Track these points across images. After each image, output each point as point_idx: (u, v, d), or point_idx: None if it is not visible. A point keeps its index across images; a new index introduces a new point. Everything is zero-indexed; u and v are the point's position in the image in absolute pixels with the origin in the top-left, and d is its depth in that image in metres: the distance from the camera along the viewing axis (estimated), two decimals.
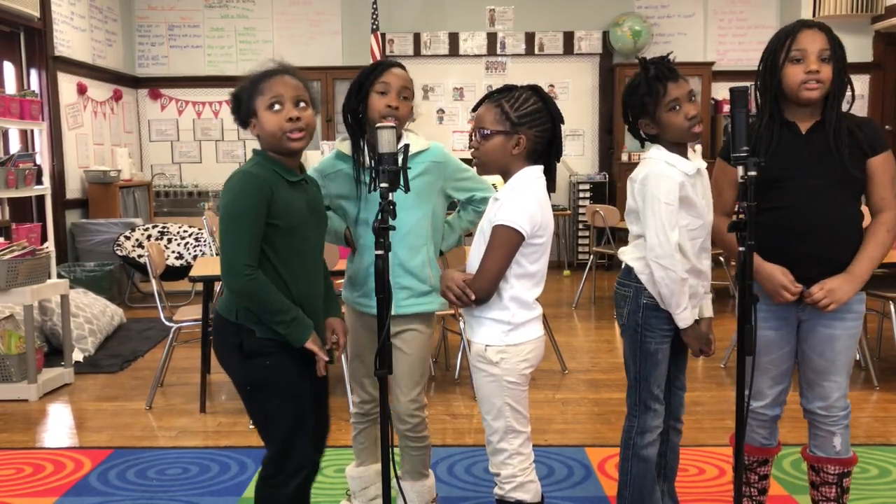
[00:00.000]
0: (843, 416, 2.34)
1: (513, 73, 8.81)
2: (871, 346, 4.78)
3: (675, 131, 2.20)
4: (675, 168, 2.19)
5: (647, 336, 2.28)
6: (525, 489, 2.17)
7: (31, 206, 6.66)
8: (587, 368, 4.80)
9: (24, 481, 3.24)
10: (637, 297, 2.27)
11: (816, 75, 2.19)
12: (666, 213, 2.16)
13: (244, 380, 2.16)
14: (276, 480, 2.16)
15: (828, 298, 2.22)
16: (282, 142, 2.10)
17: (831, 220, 2.25)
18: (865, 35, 8.37)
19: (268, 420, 2.16)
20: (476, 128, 2.15)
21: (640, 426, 2.33)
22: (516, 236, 2.07)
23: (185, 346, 5.03)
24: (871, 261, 2.26)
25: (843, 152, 2.22)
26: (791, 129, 2.28)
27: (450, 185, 2.57)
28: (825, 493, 2.40)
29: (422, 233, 2.50)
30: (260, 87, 2.11)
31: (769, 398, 2.39)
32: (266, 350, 2.11)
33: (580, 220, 8.39)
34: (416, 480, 2.66)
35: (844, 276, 2.25)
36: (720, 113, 8.43)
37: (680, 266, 2.16)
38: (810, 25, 2.23)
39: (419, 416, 2.59)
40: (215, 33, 8.82)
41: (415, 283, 2.50)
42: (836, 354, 2.30)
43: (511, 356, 2.13)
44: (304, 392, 2.17)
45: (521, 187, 2.12)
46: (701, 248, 2.26)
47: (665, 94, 2.18)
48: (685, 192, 2.18)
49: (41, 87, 6.85)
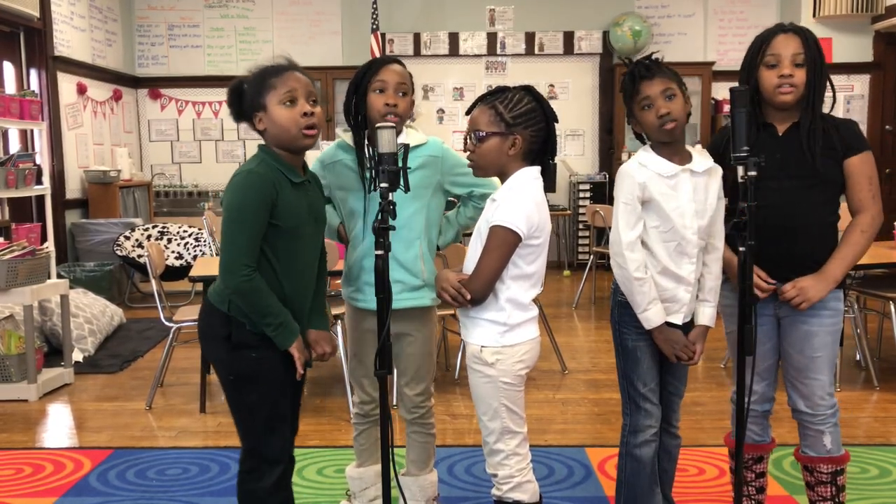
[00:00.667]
0: (831, 415, 2.35)
1: (513, 73, 8.81)
2: (871, 346, 4.78)
3: (649, 130, 2.22)
4: (647, 168, 2.20)
5: (624, 332, 2.31)
6: (523, 489, 2.17)
7: (31, 206, 6.66)
8: (587, 368, 4.80)
9: (24, 481, 3.24)
10: (615, 294, 2.32)
11: (790, 79, 2.23)
12: (622, 212, 2.19)
13: (229, 370, 2.16)
14: (254, 474, 2.18)
15: (799, 297, 2.26)
16: (296, 137, 2.10)
17: (806, 220, 2.28)
18: (865, 35, 8.37)
19: (248, 412, 2.17)
20: (471, 130, 2.14)
21: (631, 425, 2.34)
22: (513, 237, 2.07)
23: (184, 346, 5.03)
24: (844, 261, 2.29)
25: (815, 153, 2.25)
26: (768, 130, 2.32)
27: (447, 179, 2.56)
28: (821, 492, 2.40)
29: (416, 227, 2.50)
30: (271, 81, 2.10)
31: (756, 394, 2.42)
32: (253, 343, 2.12)
33: (580, 220, 8.39)
34: (420, 473, 2.67)
35: (817, 275, 2.28)
36: (720, 113, 8.43)
37: (634, 265, 2.18)
38: (786, 30, 2.27)
39: (425, 406, 2.62)
40: (215, 33, 8.82)
41: (407, 277, 2.50)
42: (815, 351, 2.32)
43: (506, 357, 2.13)
44: (286, 387, 2.18)
45: (518, 188, 2.11)
46: (679, 253, 2.22)
47: (638, 93, 2.19)
48: (650, 194, 2.18)
49: (41, 87, 6.85)
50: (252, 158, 2.16)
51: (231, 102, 2.16)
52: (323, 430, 3.73)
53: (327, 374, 4.59)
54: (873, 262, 4.03)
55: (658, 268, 2.22)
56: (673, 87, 2.18)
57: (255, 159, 2.13)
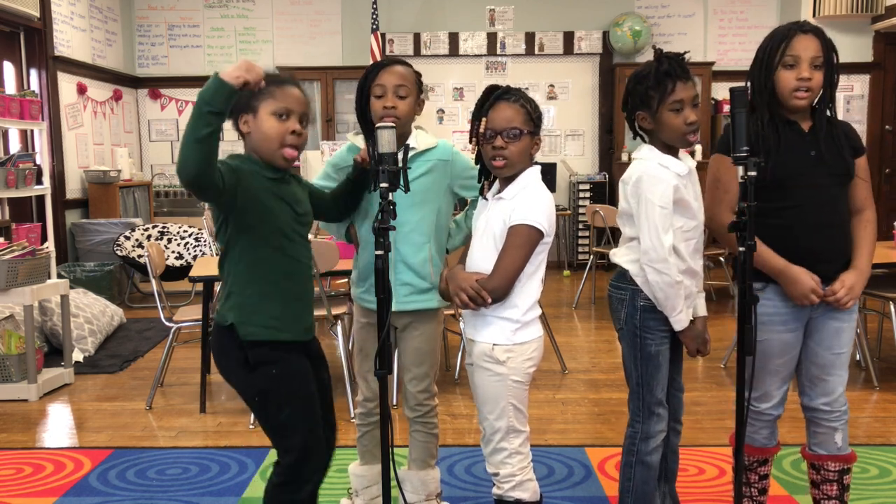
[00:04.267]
0: (845, 412, 2.36)
1: (513, 73, 8.81)
2: (871, 346, 4.78)
3: (671, 133, 2.18)
4: (669, 170, 2.17)
5: (647, 339, 2.25)
6: (524, 488, 2.18)
7: (31, 206, 6.67)
8: (587, 368, 4.80)
9: (24, 481, 3.24)
10: (634, 299, 2.26)
11: (808, 83, 2.22)
12: (660, 217, 2.14)
13: (252, 391, 2.13)
14: (291, 487, 2.12)
15: (849, 295, 2.27)
16: (275, 152, 2.08)
17: (838, 217, 2.31)
18: (865, 35, 8.37)
19: (281, 429, 2.13)
20: (505, 128, 2.12)
21: (644, 432, 2.30)
22: (536, 234, 2.10)
23: (185, 347, 5.03)
24: (871, 255, 2.33)
25: (846, 152, 2.28)
26: (793, 127, 2.30)
27: (457, 183, 2.57)
28: (826, 490, 2.40)
29: (425, 230, 2.51)
30: (271, 89, 2.08)
31: (776, 399, 2.39)
32: (271, 358, 2.09)
33: (580, 220, 8.40)
34: (422, 469, 2.67)
35: (856, 271, 2.29)
36: (720, 113, 8.43)
37: (674, 269, 2.15)
38: (805, 30, 2.25)
39: (428, 405, 2.62)
40: (215, 33, 8.82)
41: (416, 280, 2.51)
42: (842, 347, 2.34)
43: (517, 355, 2.14)
44: (312, 396, 2.16)
45: (533, 186, 2.15)
46: (696, 250, 2.25)
47: (671, 93, 2.14)
48: (679, 195, 2.17)
49: (41, 87, 6.85)
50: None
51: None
52: None
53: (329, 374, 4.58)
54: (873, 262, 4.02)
55: (683, 267, 2.20)
56: (699, 95, 2.20)
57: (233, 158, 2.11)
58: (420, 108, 2.50)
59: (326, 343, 5.43)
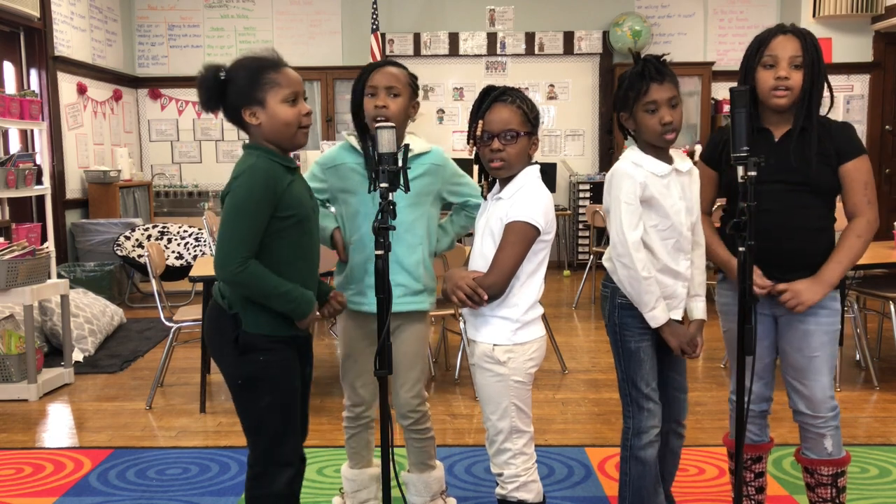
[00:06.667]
0: (832, 418, 2.34)
1: (513, 73, 8.81)
2: (871, 346, 4.78)
3: (648, 133, 2.21)
4: (642, 168, 2.19)
5: (626, 335, 2.29)
6: (527, 489, 2.18)
7: (31, 206, 6.67)
8: (587, 368, 4.80)
9: (24, 481, 3.24)
10: (613, 296, 2.29)
11: (785, 82, 2.23)
12: (625, 212, 2.17)
13: (237, 374, 2.14)
14: (264, 479, 2.14)
15: (794, 300, 2.26)
16: (295, 135, 2.11)
17: (798, 223, 2.29)
18: (865, 35, 8.37)
19: (257, 416, 2.14)
20: (502, 130, 2.13)
21: (635, 427, 2.31)
22: (532, 231, 2.10)
23: (185, 346, 5.03)
24: (840, 265, 2.29)
25: (810, 161, 2.25)
26: (763, 135, 2.32)
27: (446, 188, 2.59)
28: (821, 494, 2.40)
29: (419, 232, 2.51)
30: (272, 77, 2.08)
31: (753, 394, 2.40)
32: (262, 345, 2.10)
33: (580, 220, 8.40)
34: (423, 472, 2.67)
35: (812, 279, 2.28)
36: (720, 113, 8.43)
37: (641, 264, 2.17)
38: (786, 31, 2.26)
39: (420, 411, 2.61)
40: (215, 33, 8.82)
41: (409, 281, 2.51)
42: (813, 351, 2.32)
43: (518, 355, 2.14)
44: (295, 391, 2.17)
45: (531, 184, 2.15)
46: (676, 249, 2.25)
47: (645, 94, 2.17)
48: (650, 193, 2.18)
49: (41, 87, 6.85)
50: (247, 156, 2.11)
51: (210, 93, 2.12)
52: (322, 429, 3.73)
53: (327, 375, 4.59)
54: (873, 262, 4.04)
55: (658, 266, 2.22)
56: (677, 96, 2.20)
57: (252, 156, 2.10)
58: (415, 110, 2.50)
59: (326, 343, 5.45)
